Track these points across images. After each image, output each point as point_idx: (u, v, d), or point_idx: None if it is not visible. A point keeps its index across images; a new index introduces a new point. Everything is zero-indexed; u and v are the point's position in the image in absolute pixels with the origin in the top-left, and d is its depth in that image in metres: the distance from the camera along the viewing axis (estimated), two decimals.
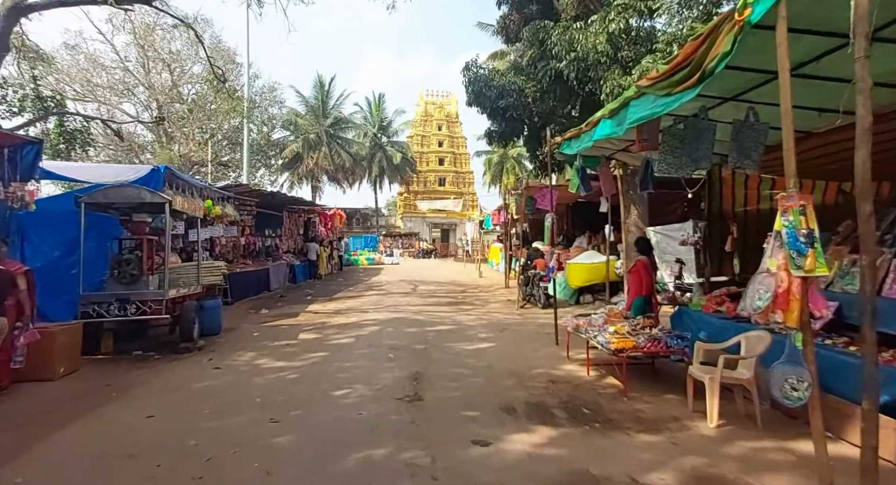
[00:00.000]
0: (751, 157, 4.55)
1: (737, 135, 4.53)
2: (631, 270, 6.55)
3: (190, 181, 9.98)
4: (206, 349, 7.13)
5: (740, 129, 4.50)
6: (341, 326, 9.07)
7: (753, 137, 4.45)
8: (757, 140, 4.43)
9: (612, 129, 5.06)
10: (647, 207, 11.19)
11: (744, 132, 4.50)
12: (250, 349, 7.12)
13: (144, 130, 34.14)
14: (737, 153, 4.58)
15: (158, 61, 31.11)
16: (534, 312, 11.10)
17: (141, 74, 31.67)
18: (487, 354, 6.92)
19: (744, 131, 4.50)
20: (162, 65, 31.57)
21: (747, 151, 4.54)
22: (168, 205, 6.68)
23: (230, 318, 10.02)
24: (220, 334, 8.24)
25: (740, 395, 4.48)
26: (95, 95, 29.83)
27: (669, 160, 4.63)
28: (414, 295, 14.49)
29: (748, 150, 4.54)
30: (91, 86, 27.97)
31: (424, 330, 8.74)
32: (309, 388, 5.23)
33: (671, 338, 5.13)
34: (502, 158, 50.16)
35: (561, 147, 6.88)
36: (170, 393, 5.05)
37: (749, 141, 4.49)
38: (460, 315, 10.63)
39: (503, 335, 8.35)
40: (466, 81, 11.23)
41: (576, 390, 5.28)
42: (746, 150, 4.55)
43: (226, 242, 13.38)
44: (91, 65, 27.75)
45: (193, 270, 8.22)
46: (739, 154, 4.58)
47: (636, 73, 8.84)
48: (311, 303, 12.71)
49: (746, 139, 4.50)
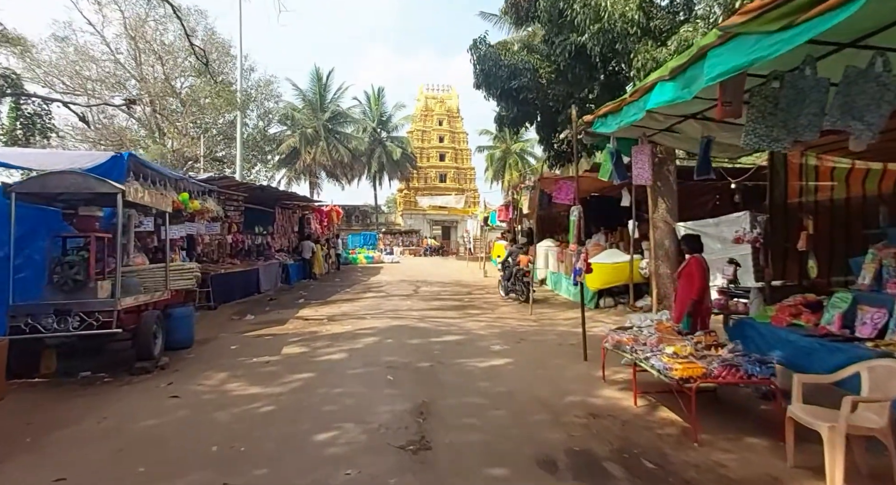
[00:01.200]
0: (864, 118, 3.32)
1: (847, 88, 3.31)
2: (682, 271, 5.38)
3: (162, 172, 8.80)
4: (169, 368, 5.98)
5: (854, 80, 3.29)
6: (333, 337, 7.91)
7: (874, 93, 3.25)
8: (880, 97, 3.23)
9: (676, 93, 3.89)
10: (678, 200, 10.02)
11: (859, 85, 3.28)
12: (222, 368, 5.96)
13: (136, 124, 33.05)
14: (840, 112, 3.35)
15: (150, 54, 29.99)
16: (550, 317, 9.96)
17: (132, 67, 30.56)
18: (506, 375, 5.76)
19: (859, 84, 3.28)
20: (154, 57, 30.44)
21: (859, 111, 3.32)
22: (120, 196, 5.51)
23: (208, 326, 8.87)
24: (191, 348, 7.09)
25: (860, 446, 3.32)
26: (86, 89, 28.74)
27: (759, 130, 3.44)
28: (416, 297, 13.33)
29: (860, 109, 3.32)
30: (81, 79, 26.86)
31: (429, 341, 7.58)
32: (284, 429, 4.07)
33: (751, 363, 3.97)
34: (505, 153, 49.00)
35: (594, 125, 5.71)
36: (101, 439, 3.88)
37: (866, 97, 3.27)
38: (468, 322, 9.48)
39: (520, 348, 7.20)
40: (474, 60, 10.03)
41: (626, 428, 4.12)
42: (858, 109, 3.32)
43: (210, 241, 12.22)
44: (80, 57, 26.57)
45: (161, 273, 7.06)
46: (845, 113, 3.35)
47: (673, 44, 7.67)
48: (303, 307, 11.56)
49: (862, 95, 3.27)
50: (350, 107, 43.21)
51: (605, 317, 9.70)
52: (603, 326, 8.80)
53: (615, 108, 5.18)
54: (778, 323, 4.93)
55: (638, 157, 5.68)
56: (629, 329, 5.34)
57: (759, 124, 3.44)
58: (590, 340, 6.84)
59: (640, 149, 5.70)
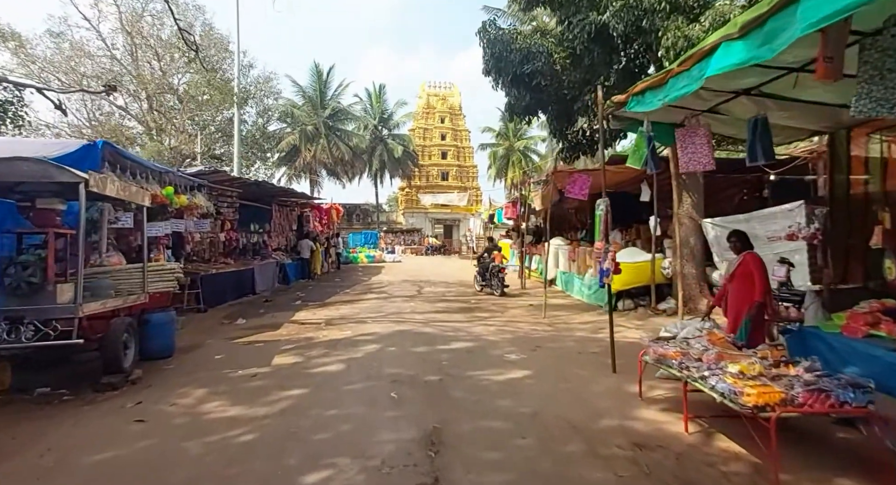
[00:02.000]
0: None
1: None
2: (737, 271, 4.60)
3: (144, 164, 8.09)
4: (141, 383, 5.24)
5: None
6: (331, 344, 7.17)
7: None
8: None
9: (751, 53, 3.14)
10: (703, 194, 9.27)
11: None
12: (202, 383, 5.22)
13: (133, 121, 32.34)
14: None
15: (147, 49, 29.31)
16: (565, 320, 9.21)
17: (129, 64, 29.86)
18: (527, 391, 5.02)
19: None
20: (151, 53, 29.74)
21: None
22: (83, 185, 4.77)
23: (195, 331, 8.15)
24: (171, 358, 6.36)
25: None
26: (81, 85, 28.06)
27: (876, 93, 2.70)
28: (419, 299, 12.59)
29: None
30: (77, 75, 26.19)
31: (436, 349, 6.84)
32: (265, 466, 3.32)
33: (841, 387, 3.22)
34: (508, 150, 48.23)
35: (629, 105, 4.95)
36: (33, 481, 3.14)
37: None
38: (477, 326, 8.73)
39: (538, 357, 6.45)
40: (484, 44, 9.26)
41: (683, 465, 3.37)
42: None
43: (201, 239, 11.48)
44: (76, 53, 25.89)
45: (138, 274, 6.32)
46: None
47: (707, 20, 6.91)
48: (300, 309, 10.82)
49: None
50: (351, 104, 42.47)
51: (625, 321, 8.94)
52: (625, 330, 8.07)
53: (658, 82, 4.43)
54: (852, 334, 4.17)
55: (688, 139, 4.90)
56: (671, 340, 4.60)
57: (875, 85, 2.69)
58: (622, 350, 6.11)
59: (691, 131, 4.92)
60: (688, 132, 4.89)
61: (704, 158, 4.92)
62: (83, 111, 30.89)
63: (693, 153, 4.89)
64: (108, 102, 23.22)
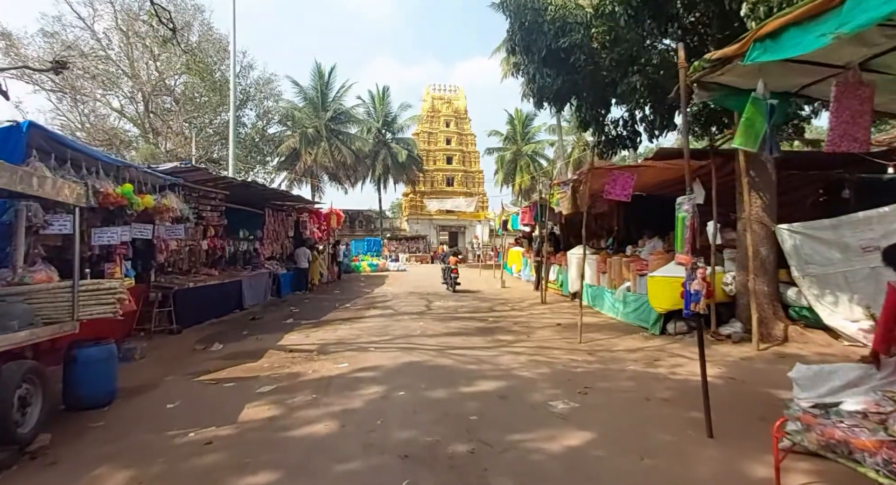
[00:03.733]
0: None
1: None
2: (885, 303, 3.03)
3: (94, 154, 6.57)
4: (44, 457, 3.66)
5: None
6: (322, 386, 5.58)
7: None
8: None
9: None
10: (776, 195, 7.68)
11: None
12: (129, 459, 3.63)
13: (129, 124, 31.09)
14: None
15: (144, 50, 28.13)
16: (606, 347, 7.58)
17: (125, 64, 28.66)
18: (598, 473, 3.42)
19: None
20: (147, 54, 28.55)
21: None
22: None
23: (157, 361, 6.59)
24: (108, 406, 4.80)
25: None
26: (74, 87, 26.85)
27: None
28: (429, 316, 11.00)
29: None
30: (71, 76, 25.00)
31: (459, 394, 5.24)
32: None
33: None
34: (515, 155, 46.81)
35: (750, 54, 3.35)
36: None
37: None
38: (503, 354, 7.14)
39: (594, 406, 4.85)
40: (509, 14, 7.74)
41: None
42: None
43: (178, 247, 9.95)
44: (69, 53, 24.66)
45: (65, 296, 4.76)
46: None
47: None
48: (291, 330, 9.25)
49: None
50: (353, 106, 41.15)
51: (681, 349, 7.33)
52: (685, 362, 6.48)
53: (812, 11, 2.86)
54: None
55: (844, 102, 3.30)
56: (836, 404, 2.99)
57: None
58: (685, 388, 4.56)
59: (847, 89, 3.30)
60: (845, 92, 3.29)
61: (861, 134, 3.33)
62: (75, 113, 29.74)
63: (849, 124, 3.28)
64: (36, 70, 21.62)
